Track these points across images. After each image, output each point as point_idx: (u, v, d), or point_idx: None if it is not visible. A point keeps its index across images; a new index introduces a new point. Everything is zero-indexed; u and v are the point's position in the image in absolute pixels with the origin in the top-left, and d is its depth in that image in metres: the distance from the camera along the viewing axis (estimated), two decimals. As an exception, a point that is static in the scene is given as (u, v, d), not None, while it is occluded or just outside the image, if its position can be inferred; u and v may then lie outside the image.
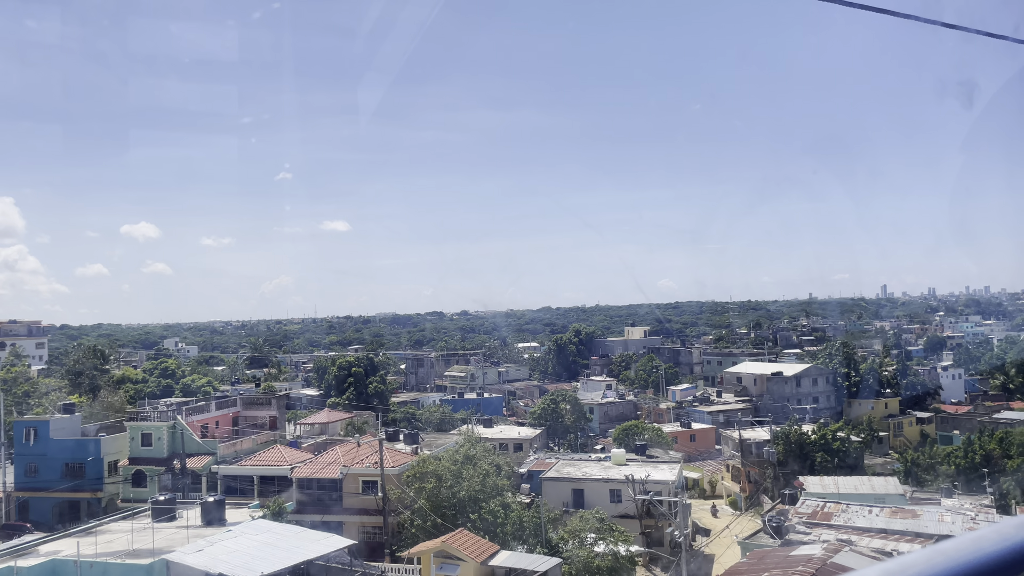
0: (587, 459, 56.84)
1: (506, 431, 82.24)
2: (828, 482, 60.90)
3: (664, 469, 52.64)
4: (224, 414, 55.49)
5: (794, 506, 46.00)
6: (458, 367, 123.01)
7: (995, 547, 1.71)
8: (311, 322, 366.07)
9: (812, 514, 43.67)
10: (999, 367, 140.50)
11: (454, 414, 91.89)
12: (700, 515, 66.93)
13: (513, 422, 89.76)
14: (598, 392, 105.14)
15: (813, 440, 67.40)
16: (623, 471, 52.52)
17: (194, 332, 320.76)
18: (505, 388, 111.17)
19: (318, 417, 67.85)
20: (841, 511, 43.77)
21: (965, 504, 50.24)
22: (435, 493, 39.91)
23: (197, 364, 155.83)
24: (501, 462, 47.28)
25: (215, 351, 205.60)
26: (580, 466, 54.23)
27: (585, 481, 49.95)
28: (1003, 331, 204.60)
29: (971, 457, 61.20)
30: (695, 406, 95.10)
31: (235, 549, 27.29)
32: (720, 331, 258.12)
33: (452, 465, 40.68)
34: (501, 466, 46.52)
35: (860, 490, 59.60)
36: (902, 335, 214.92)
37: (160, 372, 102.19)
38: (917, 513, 42.34)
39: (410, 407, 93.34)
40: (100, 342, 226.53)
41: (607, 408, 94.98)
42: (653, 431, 67.90)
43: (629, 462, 56.01)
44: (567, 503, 49.79)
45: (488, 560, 32.40)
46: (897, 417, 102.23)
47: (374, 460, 43.08)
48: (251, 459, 46.75)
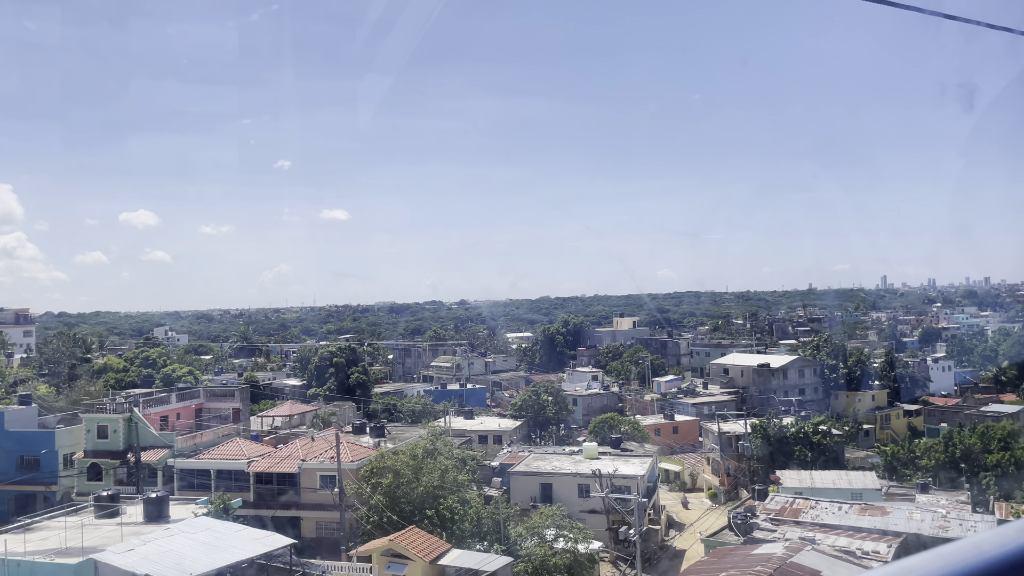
0: (559, 453, 55.99)
1: (487, 423, 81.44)
2: (805, 476, 60.10)
3: (635, 463, 51.78)
4: (186, 406, 54.59)
5: (763, 502, 45.15)
6: (444, 357, 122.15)
7: (996, 551, 1.70)
8: (309, 311, 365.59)
9: (780, 510, 42.82)
10: (992, 359, 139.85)
11: (435, 405, 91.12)
12: (678, 509, 66.22)
13: (496, 414, 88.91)
14: (584, 383, 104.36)
15: (792, 433, 66.54)
16: (594, 465, 51.68)
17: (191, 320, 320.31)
18: (490, 379, 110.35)
19: (280, 410, 66.87)
20: (810, 507, 42.92)
21: (940, 500, 49.46)
22: (393, 489, 39.04)
23: (184, 353, 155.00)
24: (467, 456, 46.41)
25: (208, 340, 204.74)
26: (550, 460, 53.38)
27: (553, 475, 49.11)
28: (998, 323, 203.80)
29: (951, 452, 60.33)
30: (679, 398, 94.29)
31: (168, 549, 26.41)
32: (716, 321, 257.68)
33: (411, 460, 39.77)
34: (467, 460, 45.63)
35: (837, 484, 58.79)
36: (897, 326, 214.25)
37: (141, 361, 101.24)
38: (887, 510, 41.50)
39: (391, 398, 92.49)
40: (93, 330, 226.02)
41: (590, 400, 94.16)
42: (629, 424, 67.01)
43: (601, 455, 55.17)
44: (535, 498, 48.98)
45: (438, 559, 31.54)
46: (884, 409, 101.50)
47: (333, 455, 42.20)
48: (208, 453, 45.86)
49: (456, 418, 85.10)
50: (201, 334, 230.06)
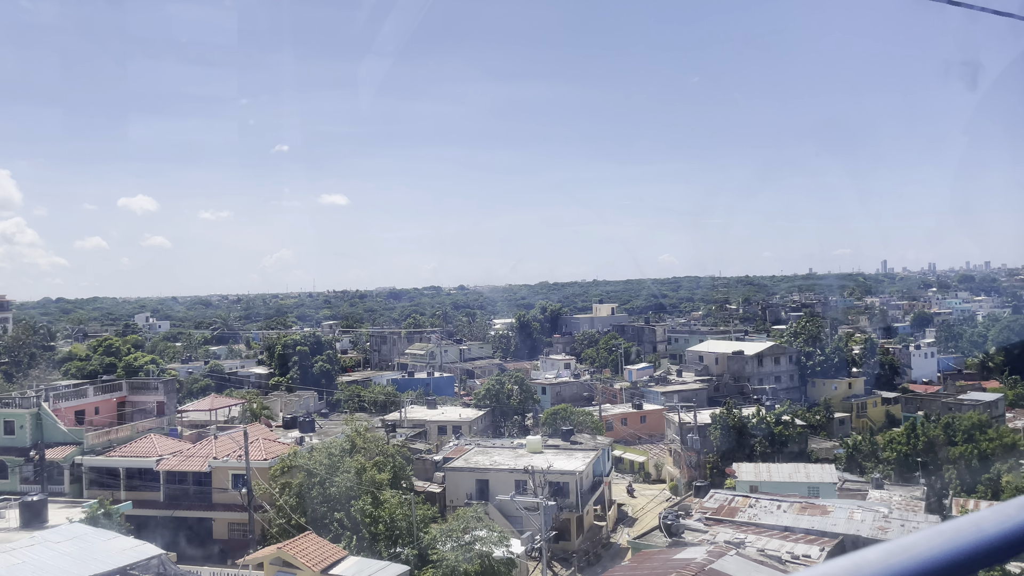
0: (503, 446, 54.03)
1: (448, 413, 79.56)
2: (761, 469, 58.21)
3: (578, 458, 49.82)
4: (106, 400, 52.62)
5: (702, 499, 43.22)
6: (419, 345, 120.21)
7: (995, 528, 1.72)
8: (307, 296, 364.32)
9: (718, 509, 40.89)
10: (980, 345, 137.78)
11: (400, 394, 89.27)
12: (637, 502, 64.29)
13: (462, 403, 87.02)
14: (560, 370, 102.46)
15: (753, 424, 64.59)
16: (537, 460, 49.74)
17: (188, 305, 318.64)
18: (459, 367, 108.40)
19: (201, 404, 64.81)
20: (748, 506, 40.98)
21: (894, 497, 47.51)
22: (305, 489, 37.10)
23: (162, 340, 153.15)
24: (396, 452, 44.43)
25: (192, 326, 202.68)
26: (492, 454, 51.44)
27: (490, 471, 47.16)
28: (990, 308, 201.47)
29: (913, 443, 58.33)
30: (650, 386, 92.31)
31: (19, 561, 24.50)
32: (710, 306, 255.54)
33: (325, 459, 37.79)
34: (395, 457, 43.65)
35: (794, 478, 56.87)
36: (889, 312, 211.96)
37: (104, 350, 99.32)
38: (828, 509, 39.54)
39: (357, 387, 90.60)
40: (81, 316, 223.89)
41: (559, 388, 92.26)
42: (583, 415, 65.01)
43: (548, 449, 53.26)
44: (471, 495, 47.10)
45: (330, 568, 29.61)
46: (861, 397, 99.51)
47: (254, 451, 40.26)
48: (119, 450, 43.89)
49: (418, 407, 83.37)
50: (189, 320, 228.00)
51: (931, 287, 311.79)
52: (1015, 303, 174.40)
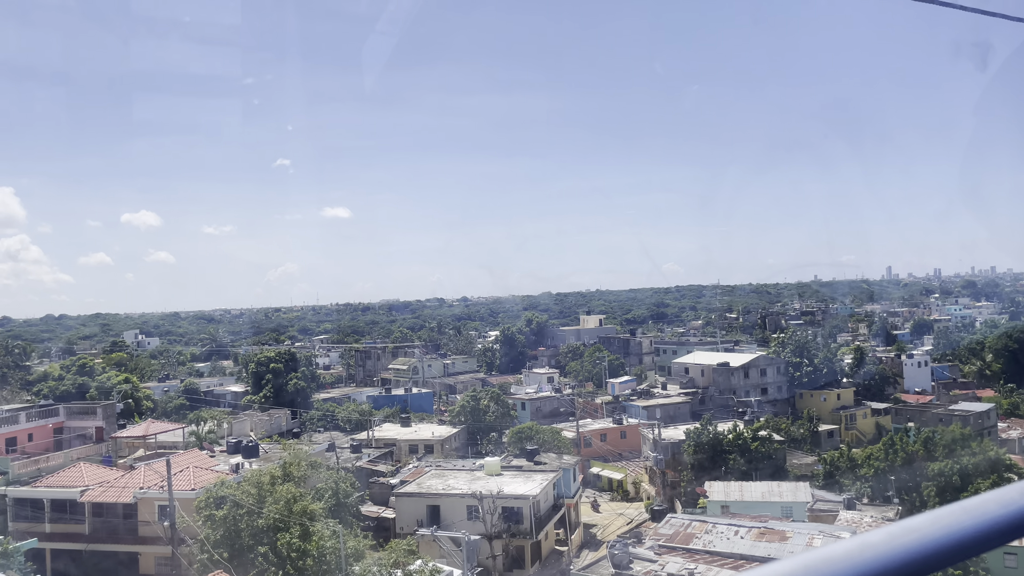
0: (462, 468, 52.02)
1: (421, 431, 77.61)
2: (733, 488, 56.17)
3: (536, 480, 47.79)
4: (41, 426, 50.88)
5: (657, 524, 41.15)
6: (402, 360, 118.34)
7: (998, 511, 1.74)
8: (310, 310, 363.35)
9: (673, 535, 38.81)
10: (978, 352, 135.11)
11: (376, 411, 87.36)
12: (610, 521, 62.15)
13: (438, 420, 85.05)
14: (542, 385, 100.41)
15: (729, 440, 62.43)
16: (495, 482, 47.77)
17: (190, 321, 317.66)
18: (441, 382, 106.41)
19: (135, 430, 62.87)
20: (705, 531, 38.89)
21: (864, 518, 45.39)
22: (233, 521, 35.19)
23: (149, 358, 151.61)
24: (342, 477, 42.50)
25: (183, 343, 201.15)
26: (448, 477, 49.44)
27: (441, 496, 45.15)
28: (989, 314, 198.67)
29: (891, 459, 56.12)
30: (632, 400, 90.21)
31: None
32: (710, 315, 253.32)
33: (252, 488, 35.89)
34: (340, 483, 41.72)
35: (767, 498, 54.82)
36: (889, 319, 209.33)
37: (77, 370, 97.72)
38: (787, 535, 37.44)
39: (332, 404, 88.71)
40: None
41: (539, 404, 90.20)
42: (549, 433, 62.97)
43: (507, 470, 51.25)
44: (422, 521, 45.08)
45: (238, 608, 27.69)
46: (850, 409, 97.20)
47: (183, 481, 38.42)
48: (44, 480, 42.03)
49: (392, 425, 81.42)
50: (181, 336, 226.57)
51: (933, 293, 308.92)
52: (1013, 309, 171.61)
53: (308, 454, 42.91)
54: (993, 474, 56.09)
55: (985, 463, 58.20)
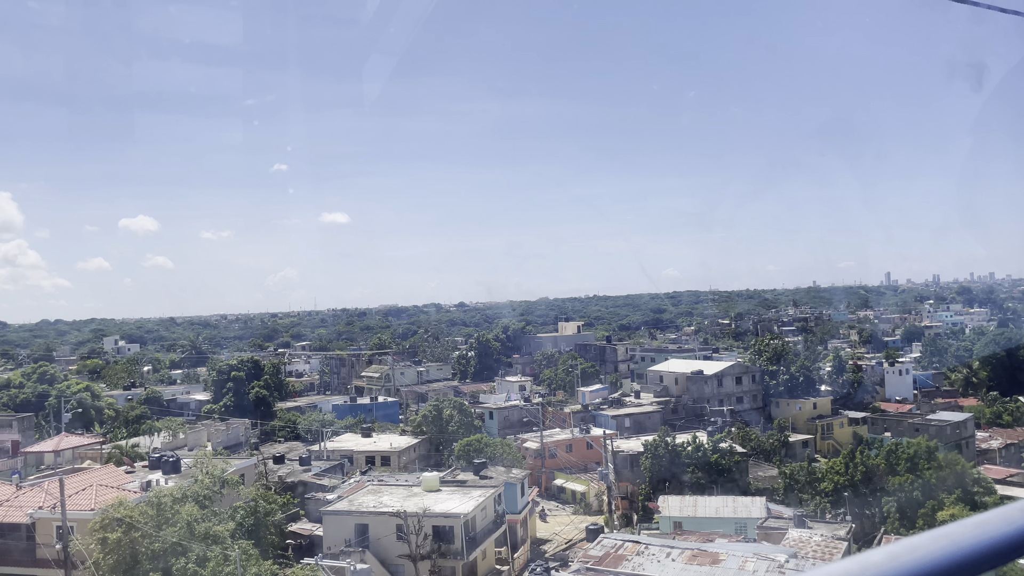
0: (400, 484, 49.96)
1: (380, 442, 75.60)
2: (688, 503, 54.21)
3: (473, 497, 45.77)
4: (-48, 440, 48.98)
5: (590, 544, 39.14)
6: (375, 367, 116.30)
7: (999, 530, 1.74)
8: (306, 315, 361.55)
9: (603, 557, 36.80)
10: (965, 359, 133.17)
11: (338, 421, 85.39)
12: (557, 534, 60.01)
13: (401, 431, 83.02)
14: (512, 393, 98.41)
15: (688, 453, 60.45)
16: (434, 499, 45.79)
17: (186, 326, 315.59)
18: (410, 391, 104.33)
19: (46, 444, 60.73)
20: (636, 553, 36.88)
21: (815, 537, 43.31)
22: (126, 545, 33.19)
23: (129, 364, 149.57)
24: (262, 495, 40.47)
25: (165, 349, 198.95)
26: (384, 493, 47.43)
27: (368, 515, 43.12)
28: (978, 321, 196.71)
29: (851, 474, 54.09)
30: (602, 409, 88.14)
31: None
32: (702, 321, 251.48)
33: (151, 509, 33.91)
34: (258, 500, 39.70)
35: (721, 513, 52.89)
36: (881, 325, 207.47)
37: (39, 377, 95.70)
38: (720, 557, 35.44)
39: (294, 414, 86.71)
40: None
41: (507, 413, 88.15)
42: (501, 445, 60.94)
43: (446, 486, 49.25)
44: (350, 541, 43.07)
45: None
46: (827, 418, 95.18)
47: (85, 500, 36.47)
48: (-59, 499, 40.26)
49: (353, 436, 79.42)
50: (166, 342, 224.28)
51: (928, 299, 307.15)
52: (1001, 316, 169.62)
53: (224, 471, 40.88)
54: (958, 489, 54.14)
55: (952, 477, 56.26)
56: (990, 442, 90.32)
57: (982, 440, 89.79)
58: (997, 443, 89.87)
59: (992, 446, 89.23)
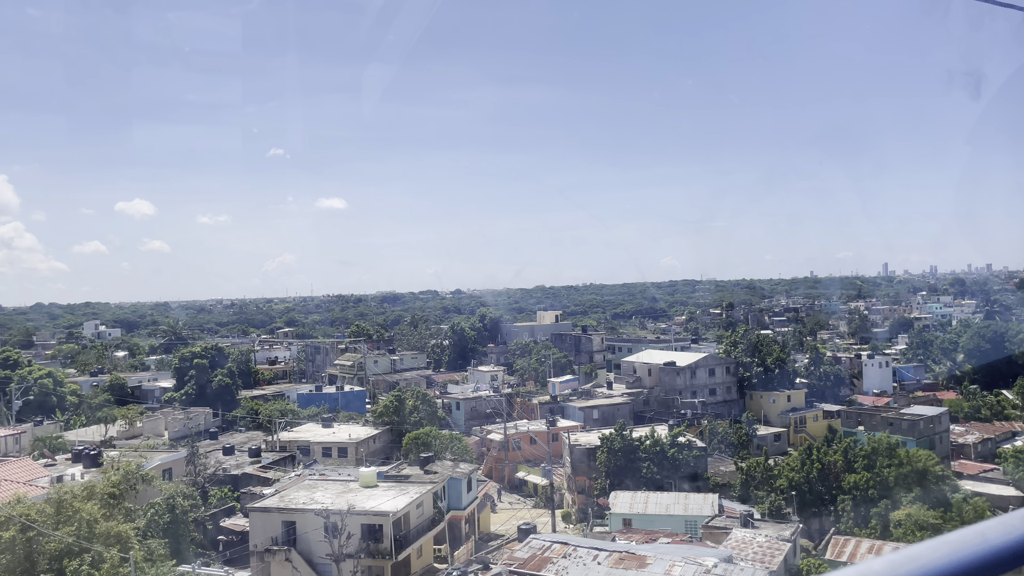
0: (338, 479, 48.44)
1: (339, 433, 74.05)
2: (639, 500, 52.82)
3: (410, 493, 44.26)
4: None
5: (520, 544, 37.61)
6: (348, 355, 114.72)
7: (1000, 539, 1.75)
8: (302, 301, 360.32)
9: (528, 559, 35.33)
10: (949, 352, 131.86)
11: (301, 410, 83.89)
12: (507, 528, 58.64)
13: (363, 422, 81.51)
14: (484, 384, 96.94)
15: (646, 447, 58.97)
16: (365, 496, 44.30)
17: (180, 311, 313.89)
18: (383, 379, 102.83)
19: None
20: (563, 555, 35.41)
21: (758, 538, 41.85)
22: (20, 545, 31.65)
23: (103, 350, 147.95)
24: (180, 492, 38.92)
25: (147, 334, 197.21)
26: (318, 489, 45.91)
27: (296, 512, 41.61)
28: (966, 313, 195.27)
29: (807, 470, 52.62)
30: (571, 400, 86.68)
31: None
32: (693, 311, 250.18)
33: (51, 507, 32.37)
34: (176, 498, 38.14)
35: (671, 511, 51.51)
36: (871, 316, 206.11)
37: (1, 362, 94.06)
38: (647, 561, 33.96)
39: (257, 403, 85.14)
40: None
41: (474, 404, 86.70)
42: (449, 438, 59.42)
43: (385, 481, 47.75)
44: (277, 539, 41.59)
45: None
46: (801, 411, 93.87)
47: None
48: None
49: (313, 426, 77.90)
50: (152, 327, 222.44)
51: (921, 291, 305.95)
52: (988, 308, 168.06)
53: (141, 466, 39.30)
54: (917, 487, 52.74)
55: (914, 475, 54.86)
56: (966, 437, 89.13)
57: (958, 435, 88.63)
58: (973, 438, 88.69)
59: (968, 441, 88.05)
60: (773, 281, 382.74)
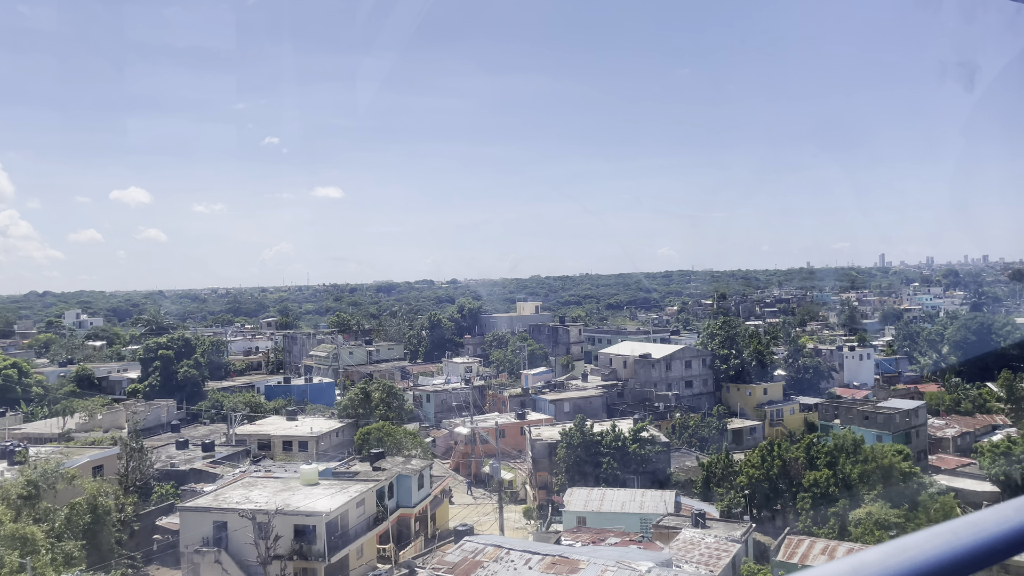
0: (280, 476, 46.96)
1: (301, 426, 72.61)
2: (595, 497, 51.45)
3: (349, 492, 42.80)
4: None
5: (451, 547, 36.17)
6: (324, 346, 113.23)
7: (994, 529, 1.77)
8: (296, 290, 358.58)
9: (459, 563, 33.92)
10: (935, 344, 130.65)
11: (267, 403, 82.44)
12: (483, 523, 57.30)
13: (329, 415, 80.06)
14: (454, 376, 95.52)
15: (607, 441, 57.60)
16: (303, 495, 42.86)
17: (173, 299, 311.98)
18: (358, 371, 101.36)
19: None
20: (495, 559, 34.00)
21: (707, 539, 40.49)
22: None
23: (84, 340, 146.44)
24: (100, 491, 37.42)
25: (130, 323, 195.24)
26: (257, 487, 44.45)
27: (228, 512, 40.14)
28: (956, 304, 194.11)
29: (767, 467, 51.23)
30: (543, 393, 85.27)
31: None
32: (686, 301, 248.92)
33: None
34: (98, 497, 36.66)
35: (627, 509, 50.13)
36: (859, 308, 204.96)
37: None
38: (579, 566, 32.55)
39: (223, 395, 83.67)
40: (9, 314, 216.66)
41: (444, 396, 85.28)
42: (403, 434, 57.96)
43: (330, 479, 46.30)
44: (208, 540, 40.14)
45: None
46: (777, 403, 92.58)
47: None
48: None
49: (278, 419, 76.50)
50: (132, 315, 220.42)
51: (914, 282, 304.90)
52: (975, 300, 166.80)
53: (60, 464, 37.80)
54: (881, 484, 51.42)
55: (877, 471, 53.55)
56: (945, 431, 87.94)
57: (937, 428, 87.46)
58: (953, 431, 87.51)
59: (947, 435, 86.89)
60: (768, 272, 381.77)
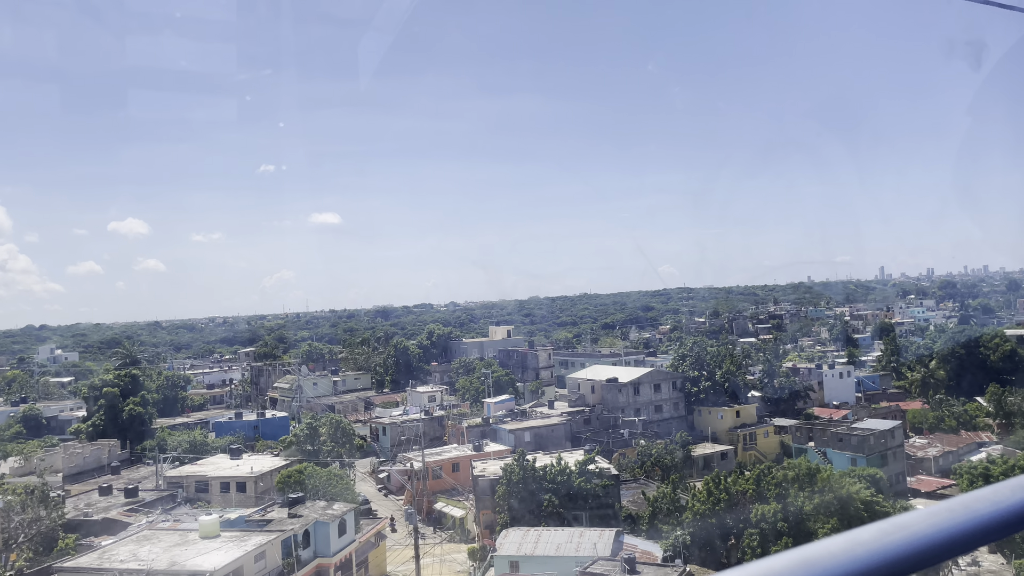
0: (182, 529, 43.62)
1: (243, 466, 69.21)
2: (530, 538, 47.91)
3: (248, 544, 39.48)
4: None
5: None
6: (288, 377, 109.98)
7: (988, 509, 1.78)
8: (294, 317, 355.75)
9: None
10: (922, 360, 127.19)
11: (218, 439, 79.18)
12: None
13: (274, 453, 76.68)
14: (414, 407, 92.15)
15: (552, 476, 54.18)
16: (198, 550, 39.53)
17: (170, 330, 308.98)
18: (320, 402, 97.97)
19: None
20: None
21: (633, 586, 37.06)
22: None
23: (51, 376, 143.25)
24: None
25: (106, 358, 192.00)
26: (147, 542, 41.10)
27: (106, 573, 36.77)
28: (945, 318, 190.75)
29: (712, 502, 47.84)
30: (504, 422, 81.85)
31: None
32: (679, 319, 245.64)
33: None
34: None
35: (562, 551, 46.54)
36: (851, 322, 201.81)
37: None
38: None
39: (166, 432, 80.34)
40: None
41: (402, 429, 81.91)
42: (325, 476, 54.57)
43: (234, 528, 42.98)
44: (88, 600, 36.77)
45: None
46: (750, 427, 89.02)
47: None
48: None
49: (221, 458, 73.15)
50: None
51: (910, 294, 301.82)
52: (962, 313, 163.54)
53: None
54: (834, 517, 47.98)
55: (834, 502, 50.14)
56: (927, 450, 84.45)
57: (918, 448, 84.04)
58: (935, 451, 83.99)
59: (928, 455, 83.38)
60: (768, 287, 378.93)
